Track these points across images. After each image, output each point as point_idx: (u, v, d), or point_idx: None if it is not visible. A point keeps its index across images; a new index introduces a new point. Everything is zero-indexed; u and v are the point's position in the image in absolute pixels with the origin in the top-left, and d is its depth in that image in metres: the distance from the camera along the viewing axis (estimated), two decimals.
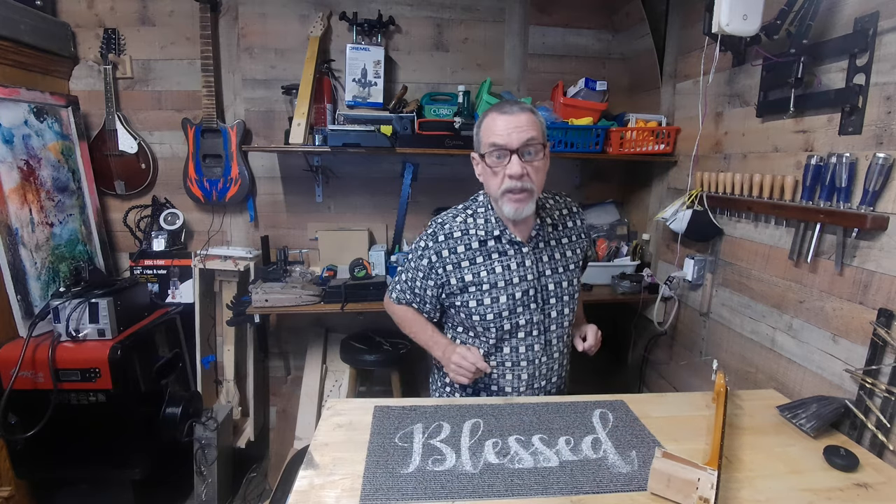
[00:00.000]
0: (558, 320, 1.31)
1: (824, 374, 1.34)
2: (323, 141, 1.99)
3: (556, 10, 2.38)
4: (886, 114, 1.18)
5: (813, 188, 1.34)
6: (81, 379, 1.72)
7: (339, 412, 1.22)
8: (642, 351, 2.29)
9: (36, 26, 1.94)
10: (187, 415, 2.02)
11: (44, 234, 1.88)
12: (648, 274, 2.18)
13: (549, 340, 1.31)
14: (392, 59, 2.31)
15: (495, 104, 1.22)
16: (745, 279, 1.65)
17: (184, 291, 2.25)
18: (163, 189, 2.30)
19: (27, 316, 1.76)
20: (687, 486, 0.89)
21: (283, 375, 2.54)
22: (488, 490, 0.95)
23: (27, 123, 1.86)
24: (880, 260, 1.19)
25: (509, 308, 1.26)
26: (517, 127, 1.13)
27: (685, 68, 2.04)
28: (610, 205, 2.52)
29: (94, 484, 1.91)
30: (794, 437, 1.16)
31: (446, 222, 1.29)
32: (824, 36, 1.33)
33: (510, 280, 1.25)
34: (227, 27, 2.23)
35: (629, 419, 1.20)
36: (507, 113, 1.15)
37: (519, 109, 1.16)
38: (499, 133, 1.14)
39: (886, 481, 1.01)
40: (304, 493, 0.94)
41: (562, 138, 2.08)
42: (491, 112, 1.19)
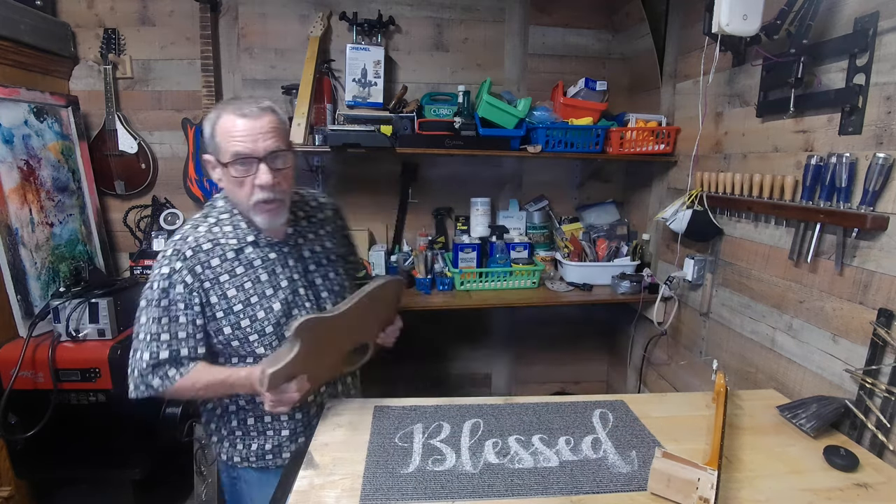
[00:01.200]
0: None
1: (824, 374, 1.34)
2: (323, 141, 1.99)
3: (556, 10, 2.38)
4: (886, 114, 1.18)
5: (813, 188, 1.34)
6: (81, 379, 1.72)
7: (339, 412, 1.22)
8: (642, 351, 2.29)
9: (36, 26, 1.94)
10: (187, 415, 2.02)
11: (44, 234, 1.88)
12: (648, 274, 2.18)
13: None
14: (392, 59, 2.31)
15: (229, 102, 1.09)
16: (745, 279, 1.65)
17: None
18: (163, 189, 2.30)
19: (27, 316, 1.76)
20: (687, 486, 0.89)
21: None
22: (488, 490, 0.95)
23: (27, 123, 1.86)
24: (880, 260, 1.19)
25: (285, 313, 1.16)
26: (262, 133, 1.04)
27: (685, 68, 2.04)
28: (610, 205, 2.52)
29: (94, 484, 1.90)
30: (794, 437, 1.16)
31: (188, 235, 1.13)
32: (824, 36, 1.33)
33: (278, 285, 1.16)
34: (227, 27, 2.23)
35: (629, 419, 1.20)
36: (247, 116, 1.05)
37: (259, 110, 1.06)
38: (241, 139, 1.03)
39: (886, 481, 1.01)
40: (304, 493, 0.94)
41: (562, 138, 2.08)
42: (227, 113, 1.06)
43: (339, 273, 1.31)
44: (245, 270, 1.14)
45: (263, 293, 1.15)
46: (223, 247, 1.14)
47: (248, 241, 1.16)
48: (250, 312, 1.14)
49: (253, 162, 1.05)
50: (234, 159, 1.04)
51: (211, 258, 1.12)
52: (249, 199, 1.08)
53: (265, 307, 1.15)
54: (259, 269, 1.16)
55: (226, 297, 1.12)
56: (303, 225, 1.26)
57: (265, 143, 1.05)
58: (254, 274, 1.15)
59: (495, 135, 2.08)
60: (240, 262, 1.14)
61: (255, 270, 1.15)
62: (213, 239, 1.14)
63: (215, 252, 1.13)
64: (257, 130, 1.04)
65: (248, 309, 1.14)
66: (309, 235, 1.26)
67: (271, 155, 1.06)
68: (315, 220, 1.31)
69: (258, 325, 1.15)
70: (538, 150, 2.06)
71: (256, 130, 1.04)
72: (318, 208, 1.33)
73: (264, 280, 1.15)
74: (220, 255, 1.13)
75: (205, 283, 1.11)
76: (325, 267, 1.28)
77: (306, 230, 1.26)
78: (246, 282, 1.14)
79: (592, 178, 2.54)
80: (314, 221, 1.30)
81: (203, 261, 1.11)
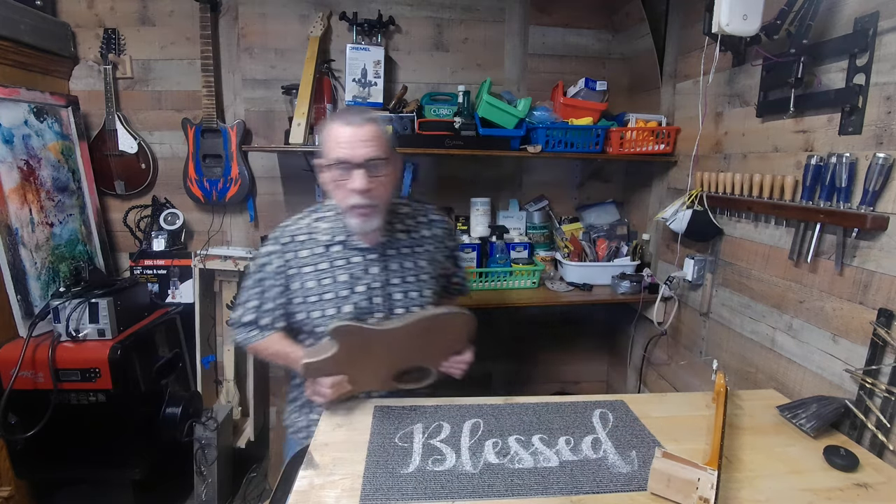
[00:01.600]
0: None
1: (824, 374, 1.34)
2: None
3: (556, 10, 2.38)
4: (886, 114, 1.18)
5: (813, 188, 1.34)
6: (81, 379, 1.72)
7: (339, 412, 1.22)
8: (642, 351, 2.29)
9: (36, 26, 1.94)
10: (187, 415, 2.02)
11: (44, 234, 1.88)
12: (648, 274, 2.18)
13: None
14: (392, 59, 2.31)
15: (338, 113, 1.20)
16: (745, 279, 1.65)
17: (184, 291, 2.25)
18: (163, 189, 2.30)
19: (27, 316, 1.76)
20: (687, 486, 0.89)
21: (283, 375, 2.54)
22: (488, 490, 0.95)
23: (27, 123, 1.86)
24: (880, 260, 1.19)
25: (354, 316, 1.21)
26: (362, 141, 1.11)
27: (685, 68, 2.04)
28: (610, 205, 2.52)
29: (94, 484, 1.91)
30: (794, 437, 1.16)
31: (289, 225, 1.26)
32: (824, 36, 1.33)
33: (353, 288, 1.21)
34: (227, 27, 2.23)
35: (629, 419, 1.20)
36: (351, 124, 1.12)
37: (362, 120, 1.13)
38: (343, 146, 1.11)
39: (886, 481, 1.01)
40: (304, 493, 0.94)
41: (562, 138, 2.08)
42: (334, 122, 1.15)
43: (424, 294, 1.29)
44: (328, 267, 1.22)
45: (338, 293, 1.21)
46: (315, 241, 1.23)
47: (338, 239, 1.22)
48: (322, 307, 1.22)
49: (351, 167, 1.11)
50: (335, 163, 1.12)
51: (301, 249, 1.22)
52: (345, 201, 1.14)
53: (336, 306, 1.22)
54: (340, 269, 1.21)
55: (304, 288, 1.21)
56: (399, 237, 1.27)
57: (364, 150, 1.10)
58: (335, 272, 1.22)
59: (495, 135, 2.08)
60: (326, 258, 1.22)
61: (336, 269, 1.22)
62: (309, 232, 1.24)
63: (307, 245, 1.23)
64: (358, 138, 1.11)
65: (321, 303, 1.22)
66: (403, 249, 1.27)
67: (368, 162, 1.11)
68: (416, 235, 1.30)
69: (325, 320, 1.22)
70: (538, 150, 2.06)
71: (357, 138, 1.11)
72: (425, 224, 1.33)
73: (342, 280, 1.21)
74: (311, 248, 1.22)
75: (290, 270, 1.22)
76: (409, 284, 1.27)
77: (401, 243, 1.27)
78: (325, 278, 1.21)
79: (592, 178, 2.54)
80: (414, 237, 1.29)
81: (294, 250, 1.22)
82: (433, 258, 1.32)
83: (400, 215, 1.29)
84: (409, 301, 1.27)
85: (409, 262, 1.27)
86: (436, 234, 1.34)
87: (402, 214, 1.30)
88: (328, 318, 1.21)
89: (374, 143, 1.12)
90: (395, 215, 1.28)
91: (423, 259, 1.29)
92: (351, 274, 1.22)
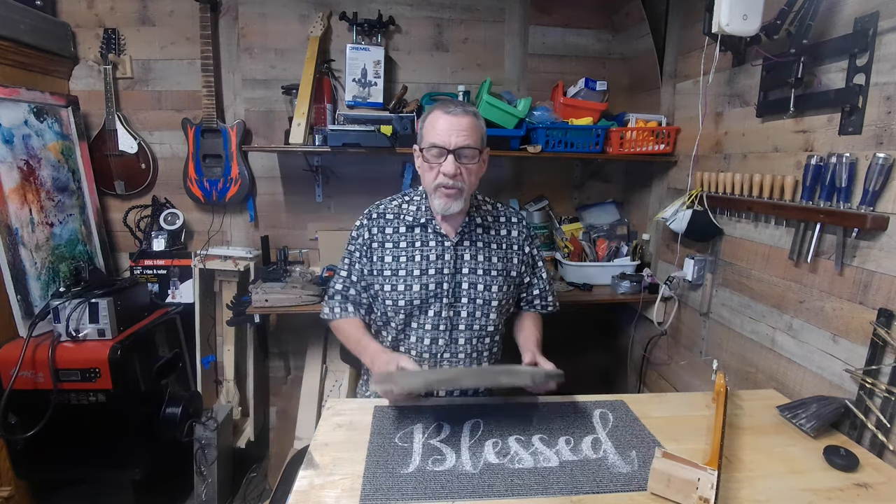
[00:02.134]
0: (467, 321, 1.32)
1: (824, 374, 1.34)
2: (323, 141, 1.99)
3: (556, 10, 2.38)
4: (886, 114, 1.18)
5: (813, 188, 1.34)
6: (81, 379, 1.72)
7: (339, 412, 1.22)
8: (642, 351, 2.29)
9: (36, 26, 1.94)
10: (187, 415, 2.02)
11: (44, 234, 1.88)
12: (648, 274, 2.18)
13: (456, 339, 1.32)
14: (392, 59, 2.31)
15: (441, 102, 1.26)
16: (745, 279, 1.65)
17: (184, 291, 2.25)
18: (163, 189, 2.30)
19: (27, 316, 1.76)
20: (687, 486, 0.89)
21: (283, 375, 2.54)
22: (488, 490, 0.95)
23: (27, 123, 1.86)
24: (880, 260, 1.19)
25: (421, 297, 1.29)
26: (458, 130, 1.19)
27: (685, 68, 2.04)
28: (610, 205, 2.52)
29: (94, 484, 1.91)
30: (794, 437, 1.16)
31: (382, 203, 1.37)
32: (824, 36, 1.33)
33: (426, 270, 1.29)
34: (227, 27, 2.23)
35: (629, 419, 1.20)
36: (450, 113, 1.20)
37: (462, 111, 1.21)
38: (439, 133, 1.19)
39: (886, 481, 1.01)
40: (304, 493, 0.94)
41: (562, 138, 2.08)
42: (435, 109, 1.23)
43: (491, 289, 1.33)
44: (406, 246, 1.31)
45: (410, 271, 1.29)
46: (401, 221, 1.33)
47: (421, 222, 1.31)
48: (393, 281, 1.30)
49: (444, 152, 1.20)
50: (430, 146, 1.21)
51: (387, 226, 1.32)
52: (434, 181, 1.23)
53: (406, 283, 1.30)
54: (416, 250, 1.30)
55: (382, 261, 1.31)
56: (477, 231, 1.34)
57: (458, 138, 1.19)
58: (411, 252, 1.30)
59: (495, 135, 2.07)
60: (406, 238, 1.31)
61: (413, 249, 1.30)
62: (396, 213, 1.34)
63: (392, 223, 1.33)
64: (454, 127, 1.19)
65: (393, 278, 1.30)
66: (478, 243, 1.33)
67: (460, 150, 1.20)
68: (493, 232, 1.36)
69: (395, 294, 1.30)
70: (538, 150, 2.06)
71: (454, 127, 1.19)
72: (504, 223, 1.39)
73: (417, 260, 1.30)
74: (395, 226, 1.32)
75: (373, 243, 1.32)
76: (477, 276, 1.32)
77: (478, 236, 1.34)
78: (401, 255, 1.30)
79: (592, 178, 2.54)
80: (492, 234, 1.36)
81: (381, 226, 1.32)
82: (507, 258, 1.36)
83: (482, 211, 1.36)
84: (476, 292, 1.32)
85: (481, 256, 1.33)
86: (513, 236, 1.39)
87: (484, 211, 1.37)
88: (397, 293, 1.29)
89: (467, 133, 1.20)
90: (477, 210, 1.35)
91: (495, 256, 1.34)
92: (425, 256, 1.30)
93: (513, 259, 1.37)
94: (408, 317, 1.31)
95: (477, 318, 1.33)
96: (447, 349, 1.33)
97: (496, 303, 1.34)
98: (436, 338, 1.32)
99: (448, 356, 1.33)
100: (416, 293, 1.29)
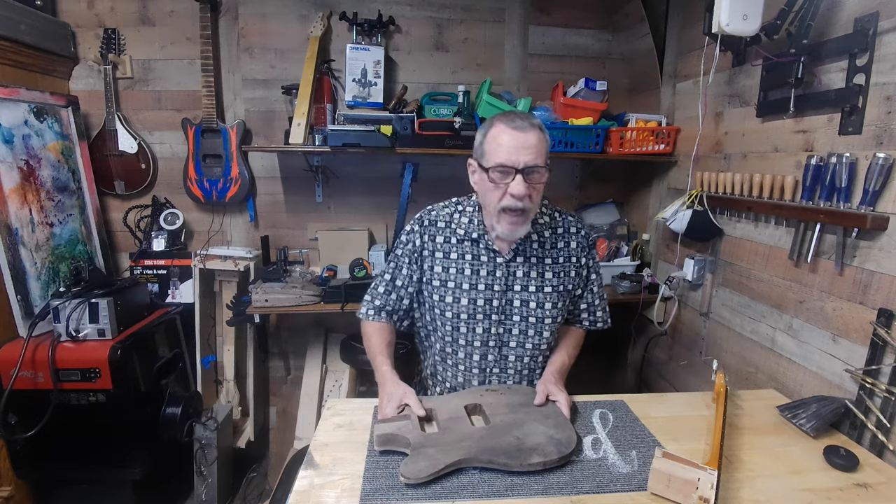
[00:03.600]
0: (519, 339, 1.28)
1: (824, 374, 1.34)
2: (323, 141, 1.99)
3: (556, 10, 2.38)
4: (886, 114, 1.18)
5: (813, 188, 1.34)
6: (81, 379, 1.72)
7: (339, 412, 1.22)
8: (642, 351, 2.29)
9: (36, 26, 1.94)
10: (187, 415, 2.02)
11: (44, 234, 1.88)
12: (648, 274, 2.18)
13: (506, 356, 1.29)
14: (392, 59, 2.31)
15: (504, 114, 1.17)
16: (745, 279, 1.65)
17: (184, 291, 2.25)
18: (163, 189, 2.30)
19: (27, 316, 1.76)
20: (687, 486, 0.89)
21: (283, 375, 2.54)
22: (488, 490, 0.95)
23: (27, 123, 1.86)
24: (880, 260, 1.19)
25: (468, 313, 1.25)
26: (525, 147, 1.11)
27: (685, 68, 2.04)
28: (610, 205, 2.52)
29: (94, 484, 1.90)
30: (794, 437, 1.16)
31: (434, 209, 1.32)
32: (824, 36, 1.33)
33: (475, 285, 1.24)
34: (227, 27, 2.23)
35: (629, 419, 1.20)
36: (516, 129, 1.11)
37: (528, 125, 1.12)
38: (506, 149, 1.11)
39: (886, 481, 1.01)
40: (304, 493, 0.94)
41: (562, 138, 2.08)
42: (499, 123, 1.14)
43: (544, 306, 1.27)
44: (457, 258, 1.26)
45: (460, 284, 1.25)
46: (453, 231, 1.28)
47: (473, 236, 1.26)
48: (442, 292, 1.27)
49: (511, 172, 1.11)
50: (496, 166, 1.12)
51: (438, 234, 1.28)
52: (499, 203, 1.15)
53: (455, 295, 1.26)
54: (467, 263, 1.26)
55: (432, 270, 1.28)
56: (532, 248, 1.26)
57: (526, 157, 1.11)
58: (460, 265, 1.26)
59: None
60: (457, 250, 1.26)
61: (462, 262, 1.26)
62: (449, 221, 1.29)
63: (444, 232, 1.28)
64: (521, 144, 1.11)
65: (442, 289, 1.27)
66: (532, 259, 1.26)
67: (529, 168, 1.11)
68: (549, 246, 1.28)
69: (443, 305, 1.27)
70: None
71: (521, 144, 1.11)
72: (562, 235, 1.31)
73: (467, 274, 1.25)
74: (446, 236, 1.28)
75: (424, 250, 1.28)
76: (530, 293, 1.26)
77: (532, 252, 1.26)
78: (451, 266, 1.26)
79: (592, 178, 2.54)
80: (547, 248, 1.28)
81: (432, 233, 1.28)
82: (563, 272, 1.29)
83: (538, 225, 1.28)
84: (528, 311, 1.26)
85: (534, 272, 1.26)
86: (571, 247, 1.31)
87: (541, 224, 1.29)
88: (445, 304, 1.26)
89: (535, 150, 1.11)
90: (534, 224, 1.26)
91: (550, 271, 1.27)
92: (476, 271, 1.25)
93: (570, 272, 1.30)
94: (454, 330, 1.27)
95: (529, 336, 1.28)
96: (497, 365, 1.30)
97: (549, 320, 1.28)
98: (485, 354, 1.28)
99: (498, 371, 1.30)
100: (463, 307, 1.25)
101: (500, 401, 1.18)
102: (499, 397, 1.20)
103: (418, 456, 0.99)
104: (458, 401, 1.18)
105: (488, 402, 1.18)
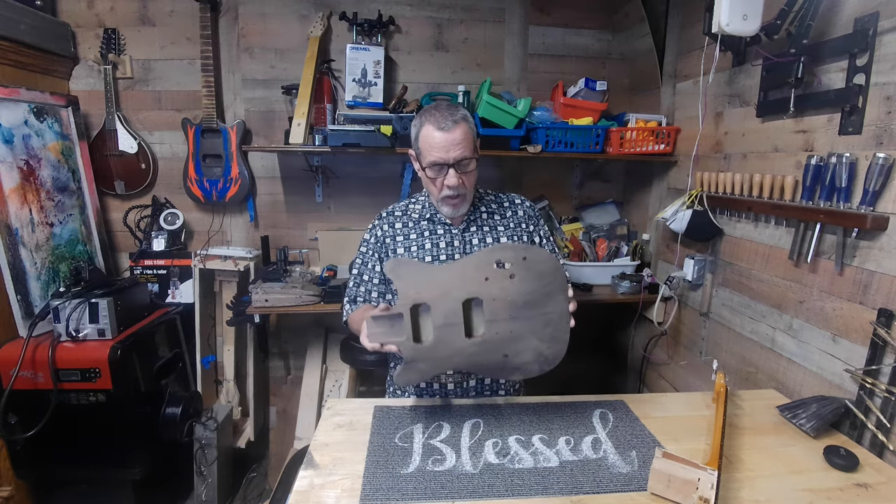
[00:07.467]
0: None
1: (824, 374, 1.34)
2: (323, 141, 1.99)
3: (556, 10, 2.38)
4: (886, 114, 1.18)
5: (813, 188, 1.34)
6: (81, 379, 1.72)
7: (339, 412, 1.22)
8: (642, 351, 2.29)
9: (36, 26, 1.94)
10: (187, 415, 2.02)
11: (44, 234, 1.88)
12: (648, 274, 2.17)
13: None
14: (392, 59, 2.31)
15: (430, 112, 1.28)
16: (745, 279, 1.65)
17: (184, 291, 2.25)
18: (163, 189, 2.30)
19: (27, 316, 1.76)
20: (687, 486, 0.89)
21: (283, 375, 2.54)
22: (488, 490, 0.95)
23: (27, 123, 1.86)
24: (880, 260, 1.19)
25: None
26: (454, 144, 1.23)
27: (685, 68, 2.04)
28: (610, 205, 2.52)
29: (94, 484, 1.90)
30: (794, 437, 1.16)
31: (390, 205, 1.46)
32: (824, 36, 1.33)
33: (437, 256, 1.35)
34: (227, 27, 2.23)
35: (629, 419, 1.20)
36: (443, 130, 1.23)
37: (453, 123, 1.24)
38: (436, 150, 1.24)
39: (886, 481, 1.01)
40: (304, 493, 0.94)
41: (562, 138, 2.08)
42: (427, 124, 1.26)
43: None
44: (416, 237, 1.38)
45: (423, 258, 1.36)
46: (409, 217, 1.40)
47: (426, 216, 1.39)
48: None
49: (444, 167, 1.25)
50: (430, 165, 1.27)
51: (397, 221, 1.40)
52: (439, 193, 1.30)
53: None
54: (426, 239, 1.37)
55: (395, 252, 1.38)
56: (482, 218, 1.40)
57: (455, 153, 1.24)
58: (421, 241, 1.37)
59: (495, 135, 2.07)
60: (415, 230, 1.38)
61: (422, 239, 1.37)
62: (405, 211, 1.42)
63: (401, 219, 1.40)
64: (450, 142, 1.24)
65: None
66: (484, 227, 1.39)
67: (458, 162, 1.25)
68: (498, 216, 1.42)
69: None
70: (538, 150, 2.06)
71: (450, 142, 1.24)
72: (508, 207, 1.45)
73: (427, 248, 1.36)
74: (404, 222, 1.40)
75: (386, 238, 1.39)
76: None
77: (483, 221, 1.40)
78: (412, 245, 1.37)
79: (592, 178, 2.54)
80: (496, 217, 1.42)
81: (390, 222, 1.40)
82: (515, 236, 1.41)
83: (485, 201, 1.43)
84: None
85: (489, 238, 1.38)
86: (518, 214, 1.43)
87: (488, 200, 1.43)
88: None
89: (463, 144, 1.24)
90: (481, 200, 1.42)
91: (504, 236, 1.39)
92: (435, 244, 1.36)
93: (522, 237, 1.41)
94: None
95: None
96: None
97: None
98: None
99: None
100: None
101: (505, 293, 1.07)
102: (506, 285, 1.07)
103: (410, 370, 1.07)
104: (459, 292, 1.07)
105: (492, 293, 1.07)
